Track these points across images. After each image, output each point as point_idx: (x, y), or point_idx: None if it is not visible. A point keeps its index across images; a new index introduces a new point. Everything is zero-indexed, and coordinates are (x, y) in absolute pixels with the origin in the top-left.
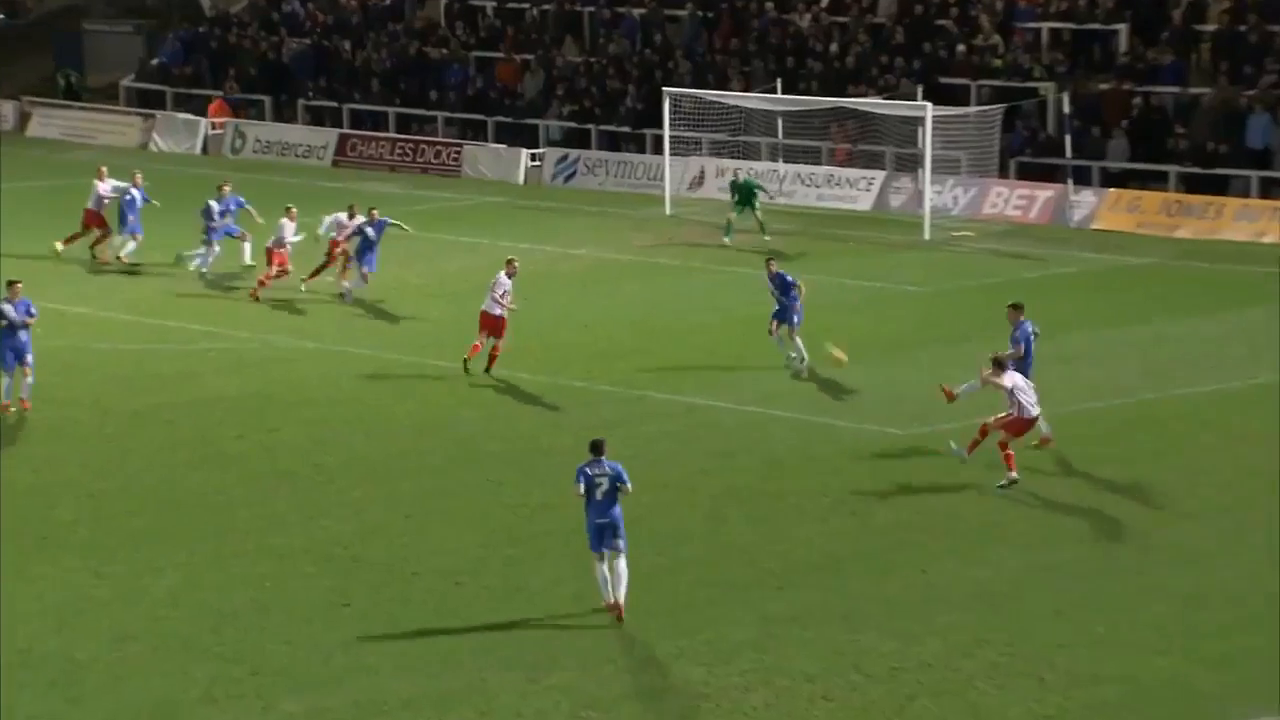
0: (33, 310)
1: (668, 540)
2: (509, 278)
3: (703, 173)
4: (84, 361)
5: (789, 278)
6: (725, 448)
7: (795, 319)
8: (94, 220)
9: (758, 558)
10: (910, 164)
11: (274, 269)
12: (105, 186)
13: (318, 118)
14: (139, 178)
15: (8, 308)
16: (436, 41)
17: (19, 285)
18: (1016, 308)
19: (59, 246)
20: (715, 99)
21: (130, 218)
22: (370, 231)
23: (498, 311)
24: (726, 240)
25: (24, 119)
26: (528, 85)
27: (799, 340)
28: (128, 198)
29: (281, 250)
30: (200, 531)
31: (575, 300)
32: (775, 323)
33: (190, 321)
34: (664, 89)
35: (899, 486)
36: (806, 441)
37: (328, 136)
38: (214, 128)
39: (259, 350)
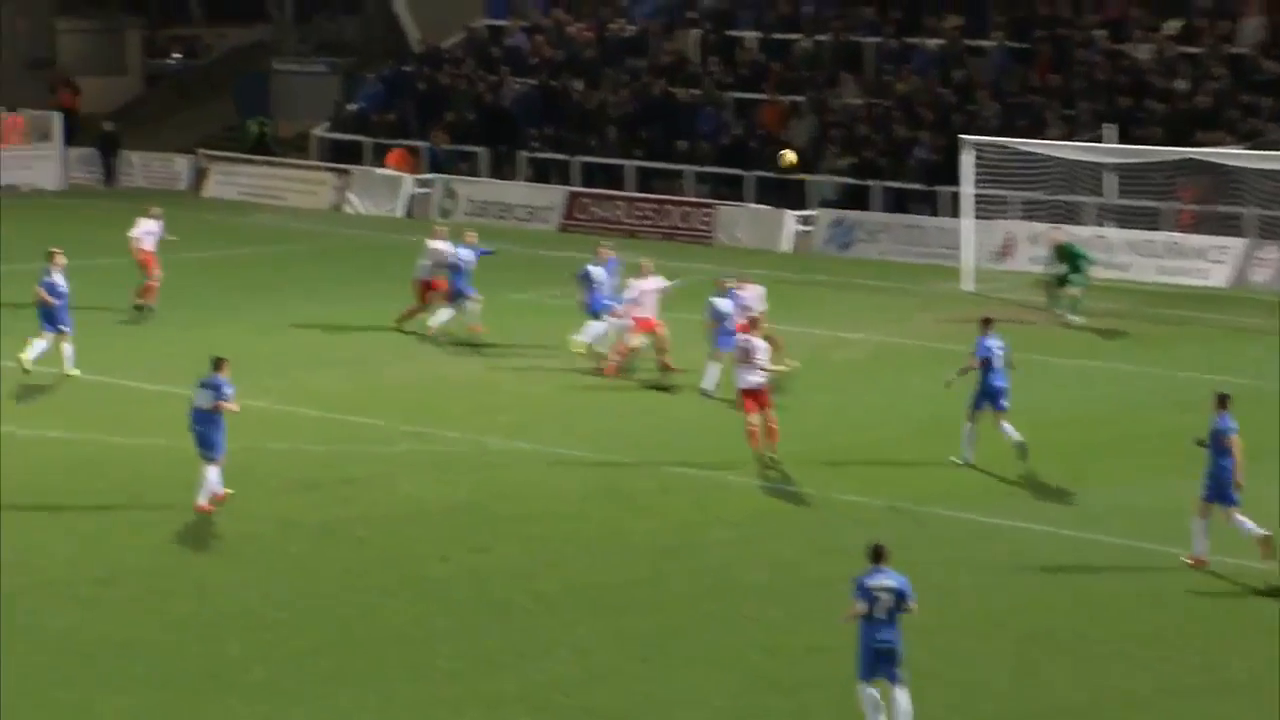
0: (226, 391)
1: (964, 692)
2: (759, 339)
3: (1012, 239)
4: (260, 466)
5: (996, 343)
6: (1035, 580)
7: (1000, 399)
8: (427, 290)
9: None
10: (1278, 230)
11: (630, 346)
12: (443, 246)
13: (543, 172)
14: (472, 237)
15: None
16: (686, 80)
17: (224, 362)
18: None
19: (398, 323)
20: (1029, 149)
21: (459, 283)
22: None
23: (757, 380)
24: (1072, 318)
25: (201, 176)
26: (796, 132)
27: (1007, 425)
28: (459, 259)
29: (643, 317)
30: (396, 672)
31: (850, 395)
32: (977, 408)
33: (387, 417)
34: (962, 137)
35: (1259, 628)
36: (1138, 574)
37: (554, 195)
38: (420, 185)
39: (468, 452)
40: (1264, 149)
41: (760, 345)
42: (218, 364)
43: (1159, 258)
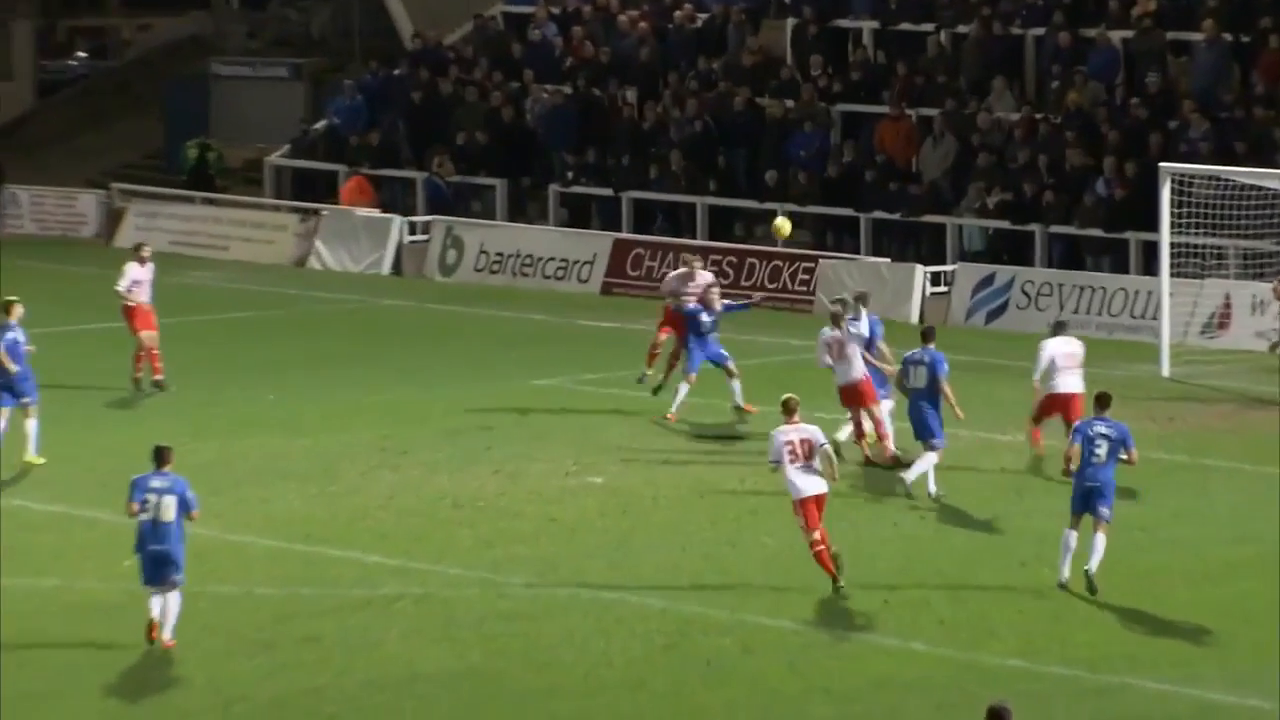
0: (191, 496)
1: None
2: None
3: (1227, 304)
4: (197, 617)
5: (1102, 427)
6: None
7: (1099, 502)
8: (675, 324)
9: None
10: None
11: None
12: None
13: (581, 214)
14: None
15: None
16: (778, 89)
17: (168, 453)
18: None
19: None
20: (1254, 181)
21: (693, 344)
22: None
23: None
24: None
25: (114, 219)
26: (928, 160)
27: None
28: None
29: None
30: None
31: (1002, 518)
32: (1075, 510)
33: (368, 549)
34: (1162, 165)
35: None
36: None
37: (596, 245)
38: (412, 231)
39: (479, 598)
40: None
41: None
42: (161, 457)
43: None
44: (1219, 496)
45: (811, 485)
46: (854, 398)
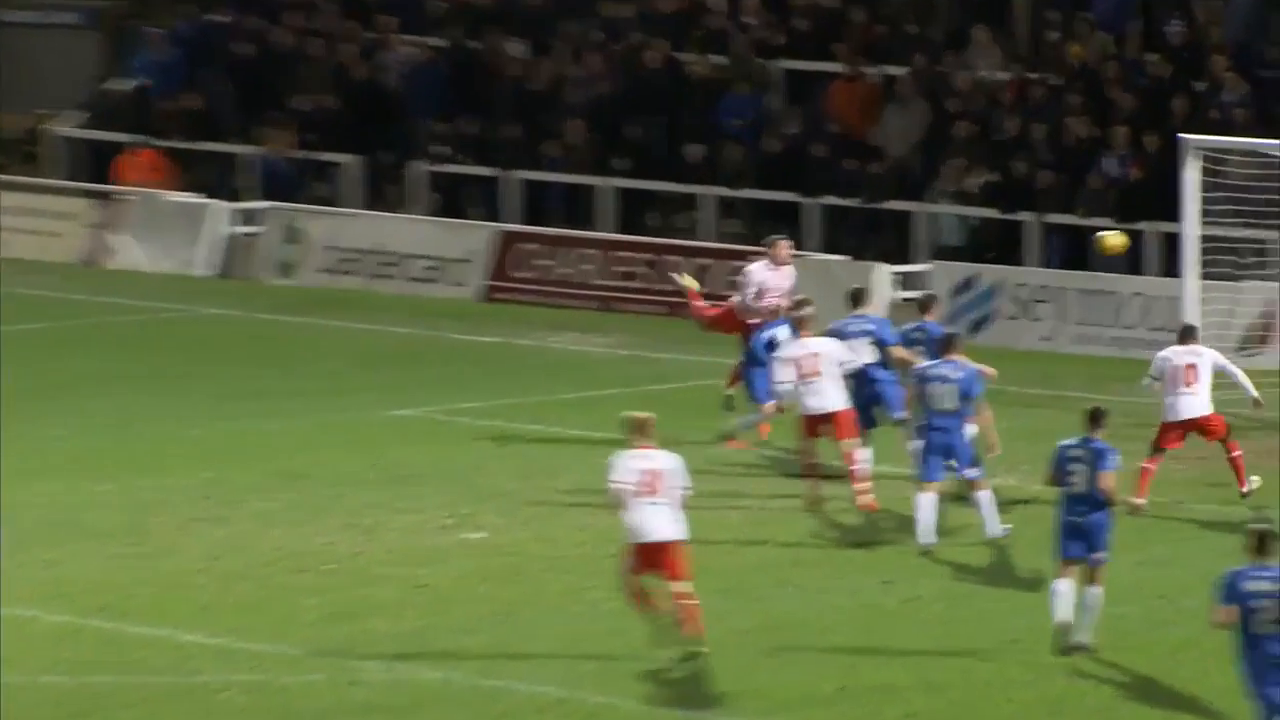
0: None
1: None
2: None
3: (1270, 314)
4: None
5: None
6: None
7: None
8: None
9: None
10: None
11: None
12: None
13: (454, 200)
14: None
15: None
16: (702, 42)
17: None
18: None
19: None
20: (1273, 152)
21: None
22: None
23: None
24: None
25: None
26: (892, 131)
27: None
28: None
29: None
30: None
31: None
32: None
33: (190, 624)
34: (1184, 136)
35: None
36: None
37: (474, 239)
38: (241, 221)
39: (326, 686)
40: None
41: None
42: None
43: None
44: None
45: (662, 528)
46: (827, 429)
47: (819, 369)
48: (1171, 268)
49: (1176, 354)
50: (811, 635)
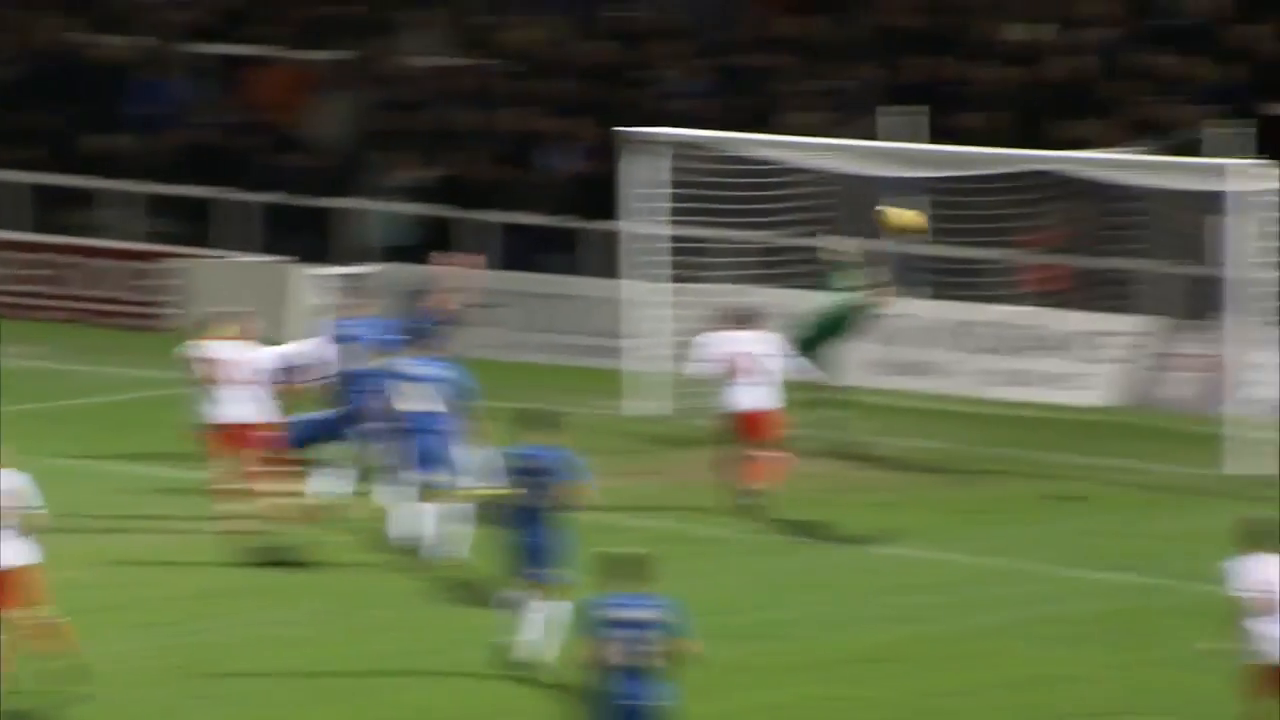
0: None
1: None
2: None
3: (726, 317)
4: None
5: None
6: None
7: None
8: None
9: None
10: (1201, 303)
11: None
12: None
13: None
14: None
15: None
16: (103, 21)
17: None
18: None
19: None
20: (758, 152)
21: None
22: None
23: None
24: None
25: None
26: (323, 121)
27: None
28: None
29: None
30: None
31: None
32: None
33: None
34: (635, 130)
35: None
36: None
37: None
38: None
39: None
40: (1177, 153)
41: None
42: None
43: (994, 353)
44: (717, 576)
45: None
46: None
47: (231, 376)
48: (618, 269)
49: (729, 341)
50: (239, 667)
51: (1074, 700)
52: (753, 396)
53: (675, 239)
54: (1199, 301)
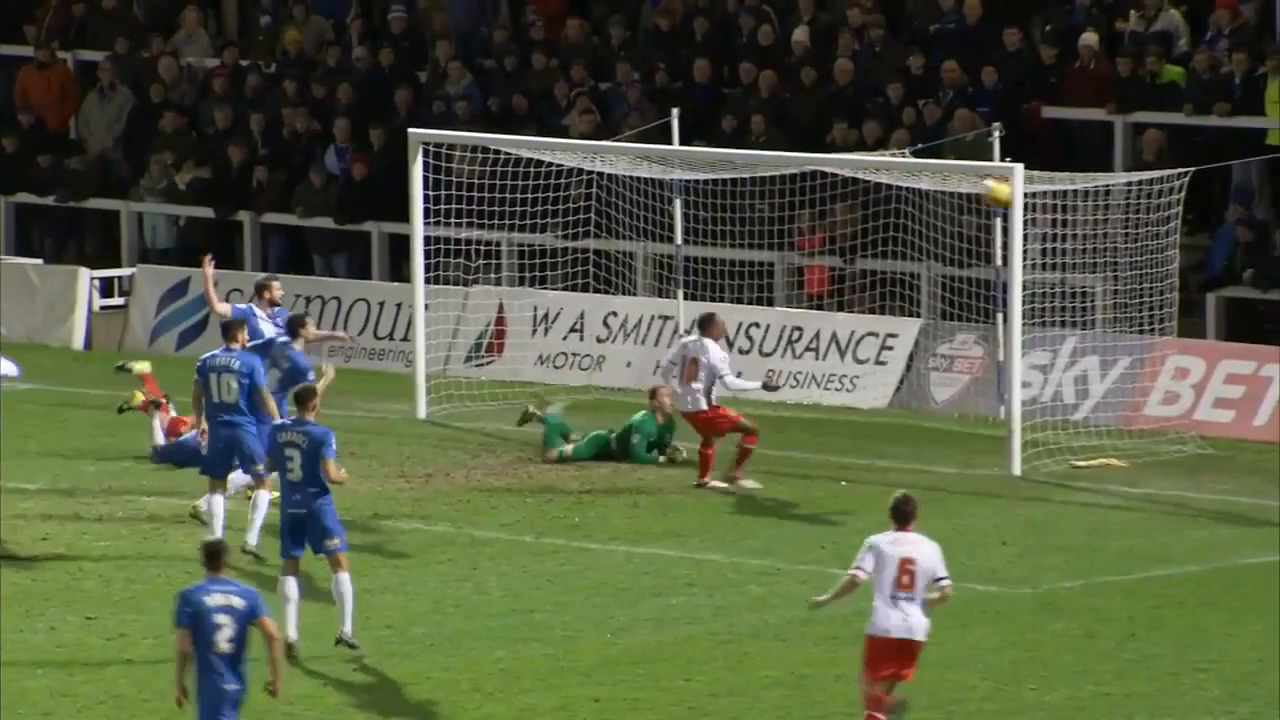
0: None
1: None
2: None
3: (501, 319)
4: None
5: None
6: None
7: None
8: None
9: None
10: (973, 304)
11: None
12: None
13: None
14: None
15: None
16: None
17: None
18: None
19: None
20: (520, 151)
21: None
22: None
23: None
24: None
25: None
26: (93, 122)
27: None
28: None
29: None
30: None
31: None
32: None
33: None
34: (413, 132)
35: None
36: None
37: None
38: None
39: None
40: (956, 159)
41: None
42: None
43: (770, 355)
44: (486, 579)
45: None
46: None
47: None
48: (400, 271)
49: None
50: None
51: (841, 700)
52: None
53: (455, 241)
54: (975, 303)
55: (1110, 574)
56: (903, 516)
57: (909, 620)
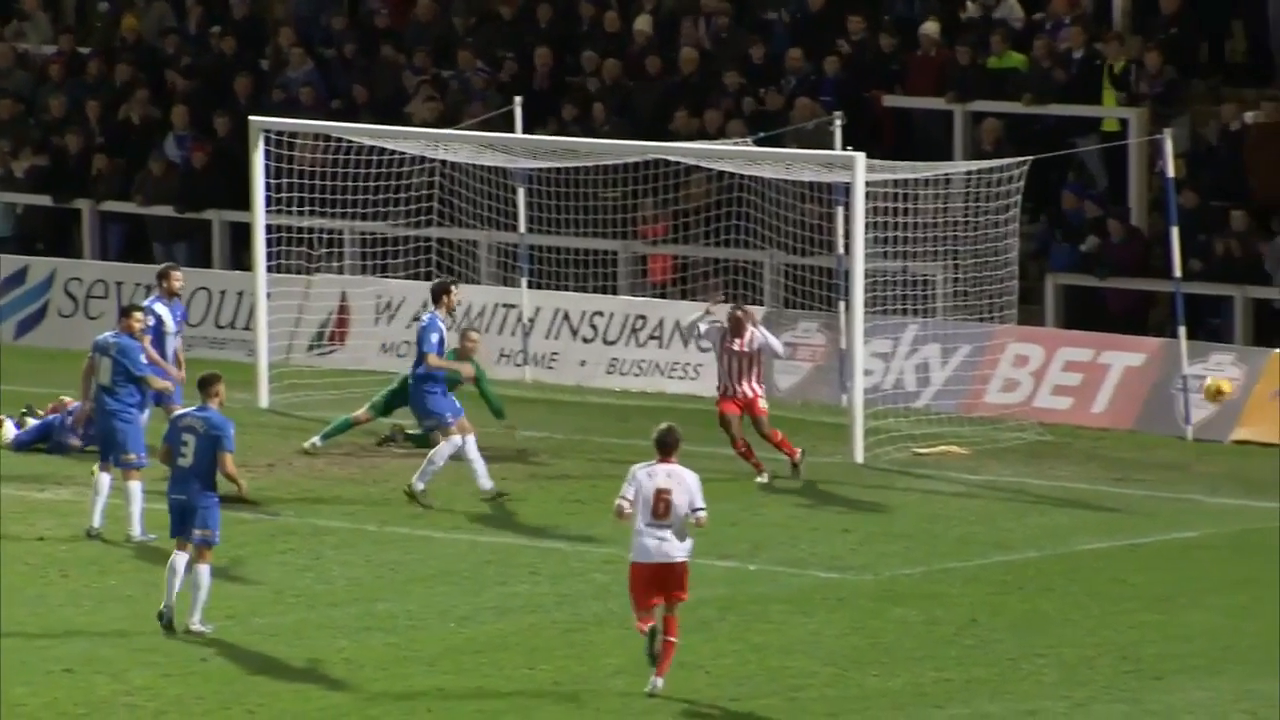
0: None
1: None
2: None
3: (344, 308)
4: None
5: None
6: None
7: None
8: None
9: None
10: (816, 292)
11: None
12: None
13: None
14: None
15: None
16: None
17: None
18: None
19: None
20: (373, 141)
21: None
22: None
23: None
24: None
25: None
26: None
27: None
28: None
29: None
30: None
31: None
32: None
33: None
34: (254, 120)
35: None
36: None
37: None
38: None
39: None
40: (802, 149)
41: None
42: None
43: (614, 343)
44: (329, 569)
45: None
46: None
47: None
48: (241, 260)
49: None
50: None
51: (689, 688)
52: None
53: (297, 229)
54: (817, 291)
55: (951, 560)
56: (664, 447)
57: (664, 545)
